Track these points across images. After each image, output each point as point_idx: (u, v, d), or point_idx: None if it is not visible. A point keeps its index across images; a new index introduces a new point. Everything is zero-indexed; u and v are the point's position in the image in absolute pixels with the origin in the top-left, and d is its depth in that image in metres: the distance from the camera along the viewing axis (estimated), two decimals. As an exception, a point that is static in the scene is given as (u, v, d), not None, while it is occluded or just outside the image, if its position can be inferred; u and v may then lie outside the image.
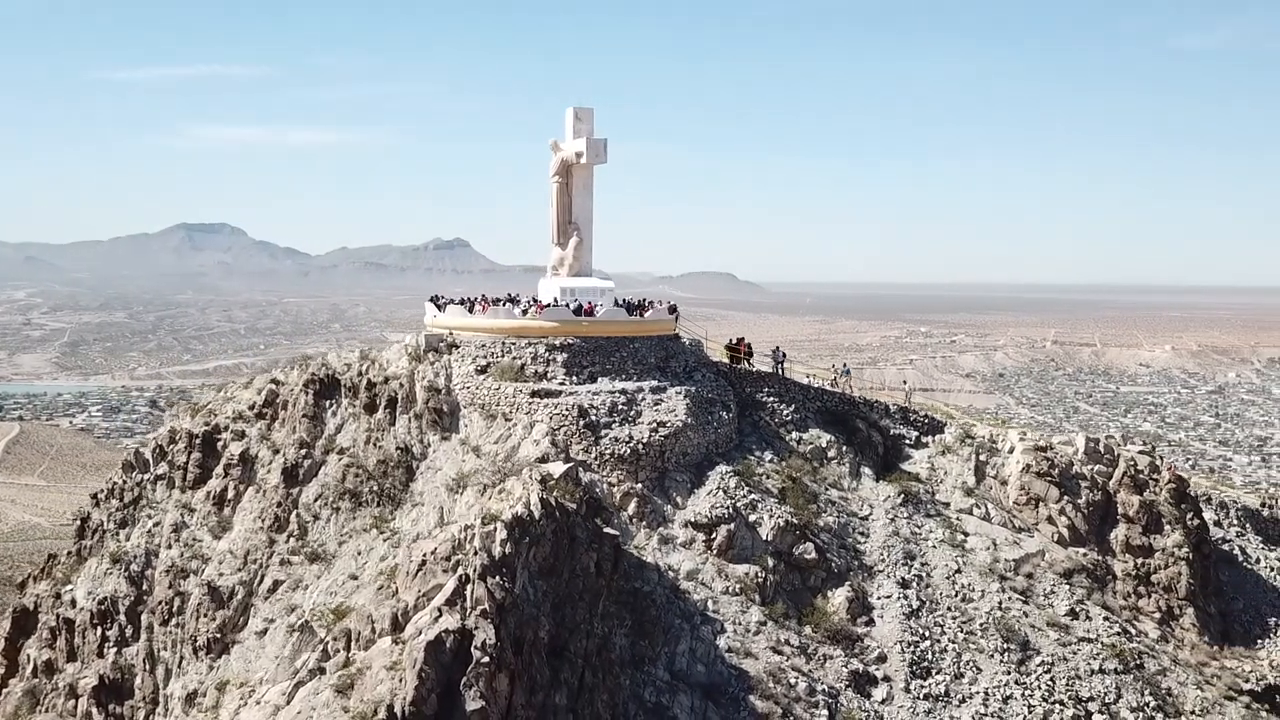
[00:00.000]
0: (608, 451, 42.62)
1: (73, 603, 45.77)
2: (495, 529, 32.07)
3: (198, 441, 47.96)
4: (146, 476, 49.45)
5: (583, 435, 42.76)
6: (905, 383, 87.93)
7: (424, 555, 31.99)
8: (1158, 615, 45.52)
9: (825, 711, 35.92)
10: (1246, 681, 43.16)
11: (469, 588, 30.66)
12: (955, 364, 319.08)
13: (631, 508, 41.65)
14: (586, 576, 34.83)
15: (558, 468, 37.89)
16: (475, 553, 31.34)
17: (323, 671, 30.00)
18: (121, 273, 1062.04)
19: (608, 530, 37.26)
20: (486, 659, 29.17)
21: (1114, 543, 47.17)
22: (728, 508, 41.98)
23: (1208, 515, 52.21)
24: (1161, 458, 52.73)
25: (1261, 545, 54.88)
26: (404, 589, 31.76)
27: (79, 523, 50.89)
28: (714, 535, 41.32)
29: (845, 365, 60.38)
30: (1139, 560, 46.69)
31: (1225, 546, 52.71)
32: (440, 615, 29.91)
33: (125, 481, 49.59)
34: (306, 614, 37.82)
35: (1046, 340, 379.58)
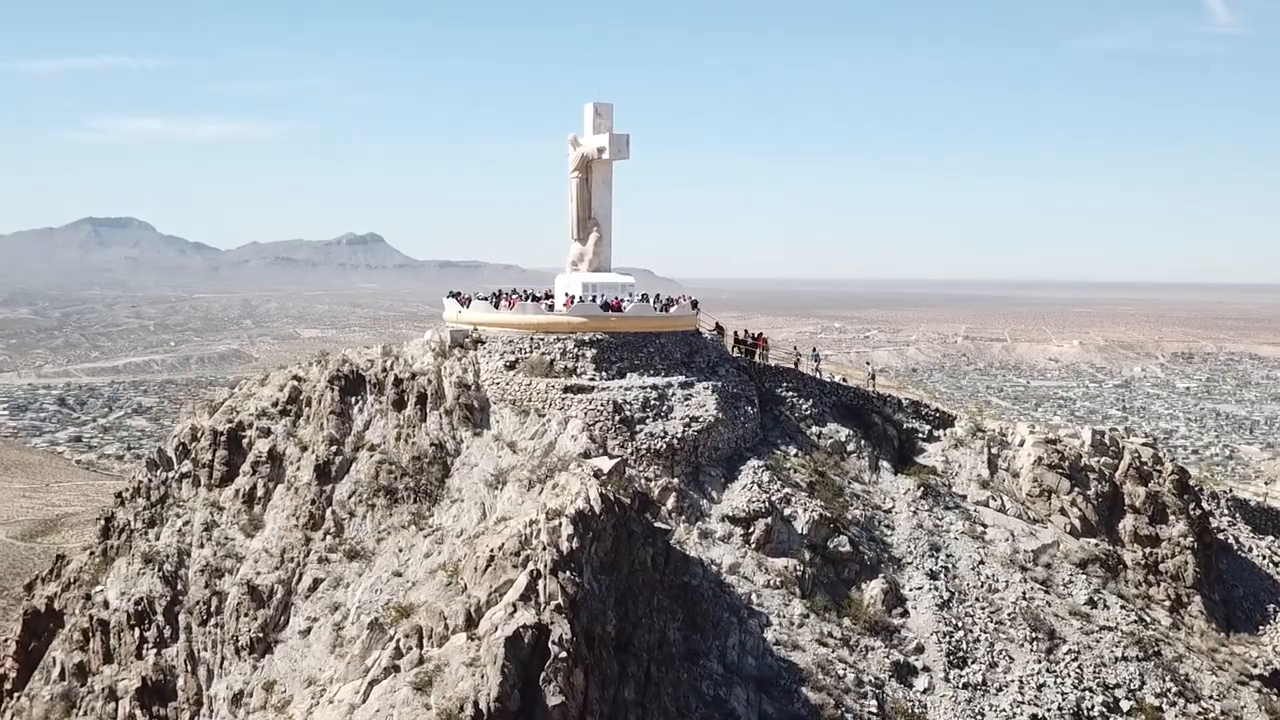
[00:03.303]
0: (643, 447, 42.88)
1: (105, 604, 44.85)
2: (561, 524, 32.21)
3: (222, 439, 47.24)
4: (171, 475, 48.53)
5: (618, 430, 42.94)
6: (869, 364, 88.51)
7: (491, 551, 31.99)
8: (1167, 603, 46.86)
9: (874, 702, 36.63)
10: (1255, 667, 44.65)
11: (541, 583, 30.76)
12: (869, 359, 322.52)
13: (670, 502, 41.95)
14: (644, 571, 35.14)
15: (605, 463, 38.06)
16: (544, 548, 31.44)
17: (397, 669, 29.87)
18: (25, 267, 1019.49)
19: (659, 525, 37.60)
20: (564, 654, 29.31)
21: (1123, 533, 48.48)
22: (763, 502, 42.46)
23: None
24: (1164, 450, 54.25)
25: (1252, 534, 56.71)
26: (473, 585, 31.74)
27: (103, 522, 49.74)
28: (751, 529, 41.76)
29: (815, 351, 59.36)
30: (1147, 550, 48.00)
31: (1221, 536, 54.40)
32: (515, 610, 29.98)
33: (150, 480, 48.63)
34: (353, 611, 37.60)
35: (958, 335, 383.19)
